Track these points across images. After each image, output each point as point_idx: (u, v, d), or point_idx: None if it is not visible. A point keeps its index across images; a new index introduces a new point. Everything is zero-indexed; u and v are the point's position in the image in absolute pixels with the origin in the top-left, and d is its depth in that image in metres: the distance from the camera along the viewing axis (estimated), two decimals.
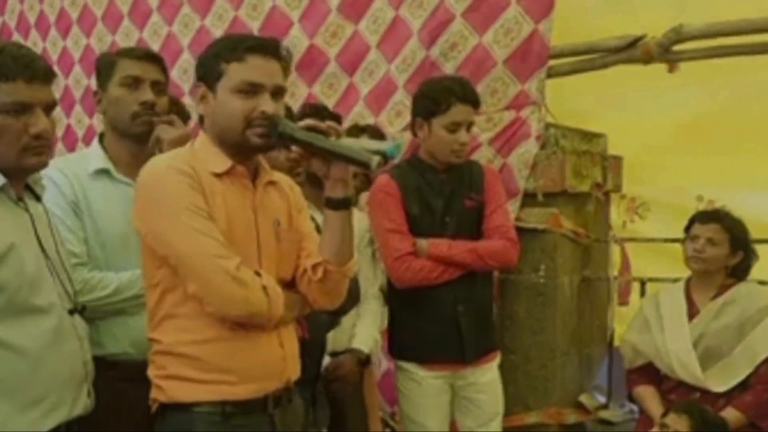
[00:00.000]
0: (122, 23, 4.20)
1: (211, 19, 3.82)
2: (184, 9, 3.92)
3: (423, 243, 2.61)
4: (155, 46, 4.01)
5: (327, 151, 1.69)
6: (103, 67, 2.17)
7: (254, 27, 3.66)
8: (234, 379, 1.67)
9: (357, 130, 2.92)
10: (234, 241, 1.66)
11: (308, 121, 1.74)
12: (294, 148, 1.74)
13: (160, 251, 1.66)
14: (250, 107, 1.67)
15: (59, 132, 4.50)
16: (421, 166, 2.67)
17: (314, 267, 1.78)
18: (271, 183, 1.82)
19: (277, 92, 1.71)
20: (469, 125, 2.60)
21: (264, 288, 1.65)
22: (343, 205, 1.75)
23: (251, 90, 1.67)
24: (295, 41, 3.55)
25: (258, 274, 1.67)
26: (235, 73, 1.67)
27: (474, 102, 2.60)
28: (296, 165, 2.22)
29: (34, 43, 4.66)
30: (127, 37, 4.17)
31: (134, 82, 2.12)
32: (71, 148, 4.47)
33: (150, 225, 1.67)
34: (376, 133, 2.98)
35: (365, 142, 1.82)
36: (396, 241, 2.60)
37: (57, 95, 4.34)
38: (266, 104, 1.68)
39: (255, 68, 1.68)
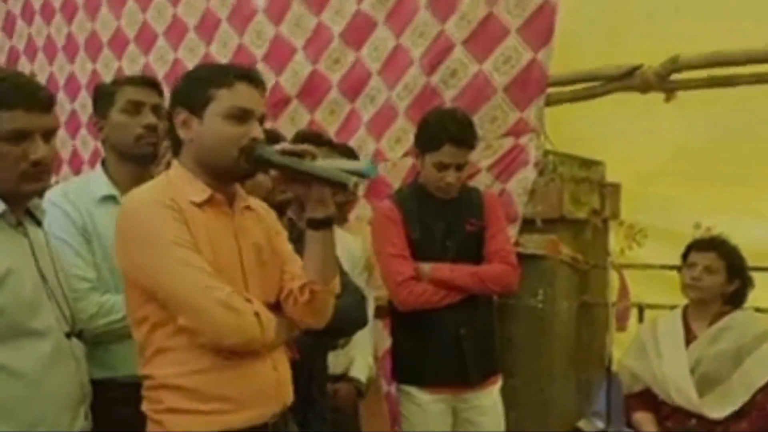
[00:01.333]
0: (128, 48, 4.26)
1: (216, 45, 3.88)
2: (190, 35, 3.98)
3: (425, 267, 2.65)
4: (161, 72, 4.07)
5: (304, 173, 1.69)
6: (103, 95, 2.24)
7: (258, 55, 3.71)
8: (233, 408, 1.67)
9: (328, 149, 2.92)
10: (219, 268, 1.66)
11: (284, 145, 1.75)
12: (272, 172, 1.76)
13: (147, 286, 1.65)
14: (242, 133, 1.67)
15: (65, 155, 4.55)
16: (423, 192, 2.71)
17: (301, 288, 1.78)
18: (247, 208, 1.82)
19: (262, 120, 1.74)
20: (460, 166, 2.62)
21: (256, 314, 1.66)
22: (324, 224, 1.75)
23: (242, 116, 1.68)
24: (298, 68, 3.61)
25: (249, 300, 1.67)
26: (227, 99, 1.67)
27: (468, 144, 2.62)
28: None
29: (41, 66, 4.73)
30: (132, 62, 4.23)
31: (136, 107, 2.18)
32: (77, 170, 4.51)
33: (135, 261, 1.65)
34: (348, 152, 3.02)
35: (340, 163, 1.83)
36: (398, 266, 2.64)
37: (63, 119, 4.43)
38: (255, 131, 1.69)
39: (245, 95, 1.69)
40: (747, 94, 2.95)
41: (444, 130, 2.58)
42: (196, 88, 1.70)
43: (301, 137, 2.74)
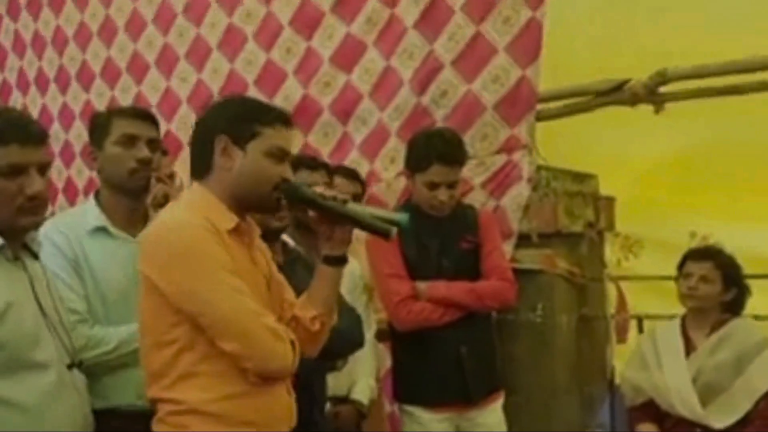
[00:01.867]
0: (121, 78, 4.29)
1: (207, 73, 3.90)
2: (181, 64, 4.01)
3: (422, 286, 2.65)
4: (153, 100, 4.09)
5: (347, 218, 1.77)
6: (98, 126, 2.22)
7: (249, 80, 3.74)
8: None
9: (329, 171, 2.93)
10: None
11: (322, 188, 1.82)
12: (310, 212, 1.80)
13: (189, 310, 1.63)
14: (279, 172, 1.74)
15: (60, 185, 4.56)
16: (417, 211, 2.72)
17: (312, 319, 1.82)
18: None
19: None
20: (451, 184, 2.64)
21: (292, 342, 1.71)
22: (341, 261, 1.83)
23: (282, 156, 1.75)
24: (289, 92, 3.63)
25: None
26: (271, 137, 1.73)
27: (456, 162, 2.64)
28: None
29: (33, 99, 4.75)
30: (125, 92, 4.25)
31: (130, 140, 2.16)
32: (72, 200, 4.52)
33: (181, 284, 1.63)
34: (348, 172, 3.04)
35: (373, 210, 1.90)
36: (395, 285, 2.65)
37: (57, 149, 4.44)
38: (288, 171, 1.77)
39: (287, 137, 1.77)
40: (736, 104, 2.98)
41: (431, 149, 2.61)
42: (244, 121, 1.74)
43: (298, 161, 2.75)
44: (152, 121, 2.25)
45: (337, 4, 3.50)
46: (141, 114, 2.25)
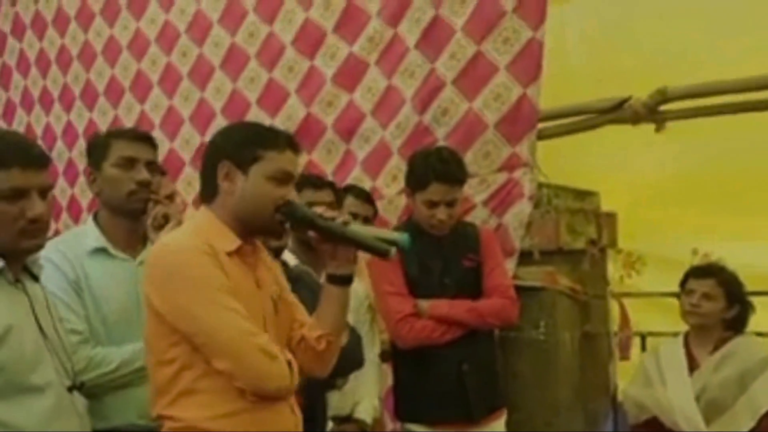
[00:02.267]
0: (124, 97, 4.31)
1: (210, 92, 3.93)
2: (184, 83, 4.04)
3: (424, 304, 2.66)
4: (156, 119, 4.12)
5: (346, 239, 1.78)
6: (96, 148, 2.23)
7: (252, 99, 3.76)
8: None
9: (335, 190, 2.93)
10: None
11: (323, 209, 1.83)
12: (311, 232, 1.81)
13: (186, 329, 1.67)
14: (281, 195, 1.76)
15: (64, 203, 4.58)
16: (418, 229, 2.73)
17: (318, 338, 1.84)
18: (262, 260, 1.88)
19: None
20: (450, 202, 2.65)
21: (289, 362, 1.71)
22: (347, 281, 1.84)
23: (284, 179, 1.77)
24: (292, 111, 3.65)
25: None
26: (274, 161, 1.76)
27: (455, 180, 2.66)
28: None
29: (37, 118, 4.77)
30: (129, 111, 4.27)
31: (129, 163, 2.18)
32: (76, 218, 4.54)
33: (178, 304, 1.68)
34: (361, 194, 3.05)
35: (374, 230, 1.92)
36: (397, 303, 2.65)
37: (61, 167, 4.45)
38: (292, 194, 1.79)
39: (290, 160, 1.79)
40: (738, 121, 3.00)
41: (430, 168, 2.63)
42: (247, 145, 1.77)
43: (304, 180, 2.76)
44: (150, 143, 2.26)
45: (340, 25, 3.53)
46: (139, 136, 2.27)
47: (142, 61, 4.22)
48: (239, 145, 1.78)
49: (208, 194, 1.81)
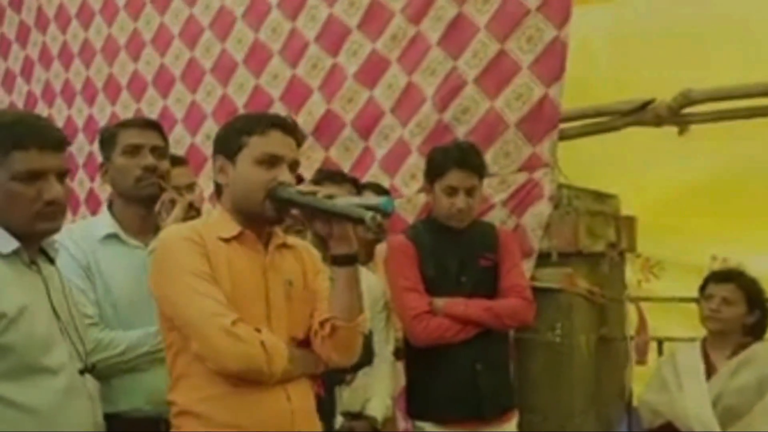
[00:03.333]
0: (147, 91, 4.33)
1: (232, 87, 3.94)
2: (207, 78, 4.05)
3: (439, 302, 2.64)
4: (179, 114, 4.13)
5: (323, 210, 1.76)
6: (106, 140, 2.27)
7: (275, 95, 3.76)
8: None
9: (351, 186, 2.93)
10: (239, 301, 1.73)
11: (303, 186, 1.84)
12: (294, 211, 1.83)
13: (167, 313, 1.76)
14: (270, 177, 1.75)
15: (82, 195, 4.61)
16: (436, 227, 2.73)
17: (322, 323, 1.82)
18: (285, 246, 1.89)
19: (294, 166, 1.81)
20: (470, 191, 2.65)
21: (262, 343, 1.70)
22: (349, 261, 1.81)
23: (272, 161, 1.76)
24: (313, 107, 3.66)
25: (258, 330, 1.72)
26: (257, 145, 1.77)
27: (473, 168, 2.65)
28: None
29: (59, 110, 4.80)
30: (151, 105, 4.28)
31: (135, 150, 2.21)
32: (94, 210, 4.56)
33: (161, 290, 1.77)
34: (380, 191, 3.04)
35: (357, 199, 1.89)
36: (412, 300, 2.64)
37: (81, 161, 4.47)
38: (284, 175, 1.76)
39: (276, 142, 1.78)
40: (762, 127, 2.97)
41: (449, 155, 2.66)
42: (231, 136, 1.81)
43: (323, 175, 2.77)
44: (156, 129, 2.29)
45: (364, 22, 3.53)
46: (144, 123, 2.31)
47: (166, 55, 4.23)
48: (226, 137, 1.83)
49: (217, 191, 1.87)
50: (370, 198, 1.79)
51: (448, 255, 2.69)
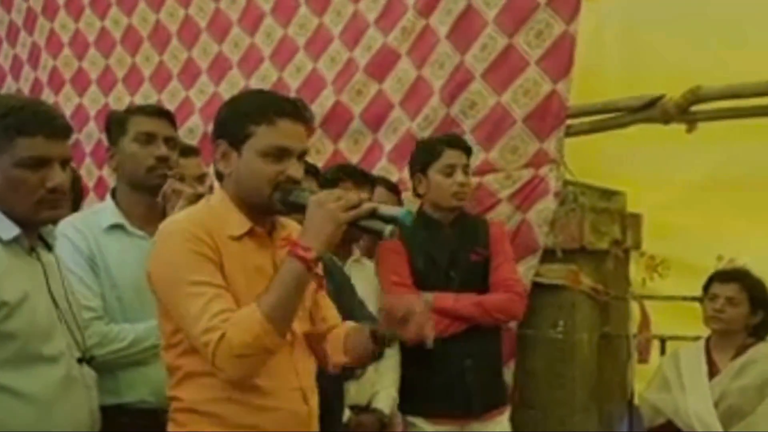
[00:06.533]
0: (170, 83, 4.28)
1: (255, 80, 3.89)
2: (233, 71, 4.01)
3: (428, 296, 2.63)
4: (198, 104, 4.10)
5: None
6: (115, 124, 2.25)
7: (293, 86, 3.73)
8: None
9: (371, 187, 2.88)
10: (254, 299, 1.61)
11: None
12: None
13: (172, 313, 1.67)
14: (278, 171, 1.66)
15: (91, 183, 4.62)
16: (427, 221, 2.74)
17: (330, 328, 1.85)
18: (288, 238, 1.78)
19: (303, 155, 1.71)
20: (464, 167, 2.70)
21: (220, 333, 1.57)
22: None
23: (280, 154, 1.66)
24: (324, 100, 3.66)
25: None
26: (265, 136, 1.66)
27: (464, 147, 2.74)
28: None
29: (68, 97, 4.79)
30: (173, 96, 4.20)
31: (148, 138, 2.19)
32: (102, 198, 4.57)
33: (163, 291, 1.68)
34: (391, 187, 3.05)
35: (376, 207, 1.84)
36: (400, 295, 2.64)
37: (88, 148, 4.45)
38: (293, 168, 1.67)
39: (285, 133, 1.67)
40: None
41: (437, 140, 2.79)
42: (237, 122, 1.69)
43: (344, 172, 2.75)
44: (168, 118, 2.27)
45: (381, 16, 3.51)
46: (158, 112, 2.28)
47: (193, 49, 4.18)
48: (231, 122, 1.71)
49: (218, 176, 1.77)
50: (389, 208, 1.73)
51: (437, 249, 2.71)
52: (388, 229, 1.61)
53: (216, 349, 1.55)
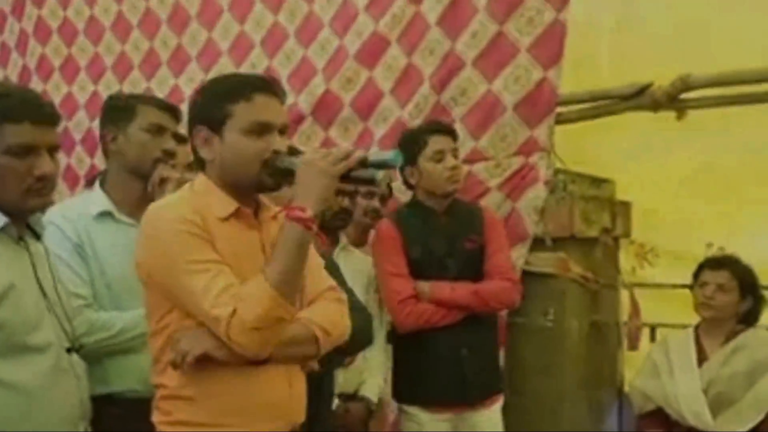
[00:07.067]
0: (159, 70, 4.26)
1: (246, 68, 3.87)
2: (223, 59, 3.99)
3: (424, 286, 2.65)
4: (188, 92, 4.07)
5: None
6: (119, 109, 2.24)
7: (284, 74, 3.72)
8: (238, 422, 1.66)
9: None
10: (244, 279, 1.63)
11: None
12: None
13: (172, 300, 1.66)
14: (263, 147, 1.66)
15: (81, 171, 4.60)
16: (421, 210, 2.74)
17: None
18: (274, 218, 1.80)
19: (284, 130, 1.71)
20: (454, 151, 2.71)
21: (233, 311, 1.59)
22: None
23: (262, 129, 1.66)
24: (314, 87, 3.64)
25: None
26: (245, 113, 1.66)
27: (450, 132, 2.75)
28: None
29: (56, 85, 4.75)
30: (162, 83, 4.19)
31: (160, 130, 2.20)
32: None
33: (161, 277, 1.66)
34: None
35: (367, 154, 1.81)
36: (397, 285, 2.65)
37: (78, 137, 4.43)
38: (277, 143, 1.67)
39: (264, 107, 1.67)
40: (760, 114, 2.94)
41: (422, 127, 2.81)
42: (215, 104, 1.68)
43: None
44: (175, 115, 2.28)
45: (371, 3, 3.49)
46: (168, 106, 2.30)
47: (183, 36, 4.14)
48: (208, 105, 1.70)
49: (199, 163, 1.76)
50: (379, 153, 1.70)
51: (433, 238, 2.70)
52: (379, 174, 1.63)
53: (229, 325, 1.56)
